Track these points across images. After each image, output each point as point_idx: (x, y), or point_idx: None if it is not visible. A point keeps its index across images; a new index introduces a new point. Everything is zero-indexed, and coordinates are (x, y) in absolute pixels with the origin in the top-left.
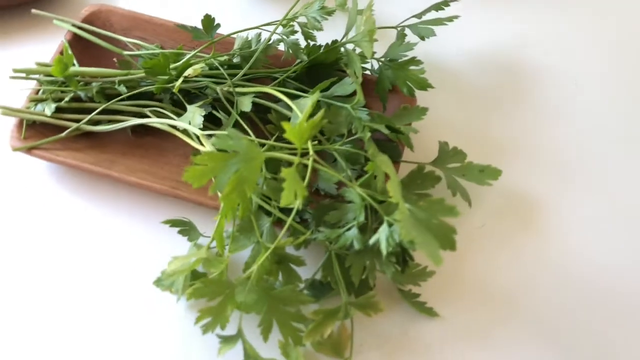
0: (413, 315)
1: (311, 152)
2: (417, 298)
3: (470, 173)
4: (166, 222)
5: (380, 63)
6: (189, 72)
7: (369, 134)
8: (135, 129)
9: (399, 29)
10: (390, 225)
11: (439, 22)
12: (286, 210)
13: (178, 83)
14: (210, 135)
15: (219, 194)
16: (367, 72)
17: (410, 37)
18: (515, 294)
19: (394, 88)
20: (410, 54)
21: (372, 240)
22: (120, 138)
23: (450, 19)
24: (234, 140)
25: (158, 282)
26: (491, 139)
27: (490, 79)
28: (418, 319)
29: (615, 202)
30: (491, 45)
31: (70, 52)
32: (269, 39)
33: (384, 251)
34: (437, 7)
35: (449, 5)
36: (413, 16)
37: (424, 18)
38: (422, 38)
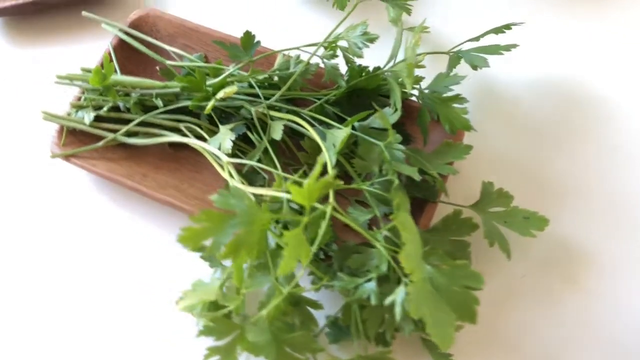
0: None
1: (331, 199)
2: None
3: (514, 220)
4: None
5: (424, 94)
6: (221, 95)
7: (397, 181)
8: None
9: (451, 54)
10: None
11: (495, 50)
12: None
13: (210, 106)
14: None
15: None
16: (413, 98)
17: (463, 64)
18: (553, 355)
19: (438, 117)
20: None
21: (387, 301)
22: (156, 150)
23: (508, 47)
24: (235, 200)
25: (179, 303)
26: (543, 181)
27: (551, 112)
28: None
29: None
30: (557, 75)
31: (111, 61)
32: (307, 63)
33: (398, 316)
34: (497, 31)
35: (510, 29)
36: (469, 40)
37: (482, 42)
38: (475, 67)
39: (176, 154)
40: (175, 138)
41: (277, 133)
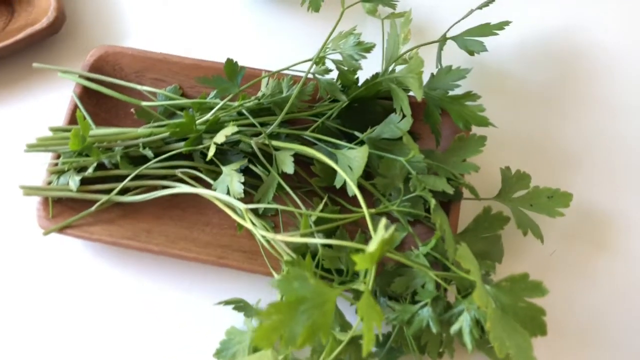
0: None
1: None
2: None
3: (538, 202)
4: (220, 303)
5: (428, 93)
6: (221, 139)
7: (434, 201)
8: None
9: (441, 42)
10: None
11: (487, 30)
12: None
13: (211, 152)
14: (254, 209)
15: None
16: (411, 93)
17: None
18: (595, 324)
19: (442, 112)
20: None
21: (452, 331)
22: (153, 200)
23: (501, 25)
24: (299, 282)
25: (219, 354)
26: (552, 149)
27: (543, 74)
28: None
29: None
30: (540, 33)
31: (84, 119)
32: (303, 83)
33: (470, 346)
34: (482, 6)
35: (493, 1)
36: (457, 22)
37: (470, 23)
38: (471, 53)
39: (175, 199)
40: (177, 189)
41: (289, 166)
